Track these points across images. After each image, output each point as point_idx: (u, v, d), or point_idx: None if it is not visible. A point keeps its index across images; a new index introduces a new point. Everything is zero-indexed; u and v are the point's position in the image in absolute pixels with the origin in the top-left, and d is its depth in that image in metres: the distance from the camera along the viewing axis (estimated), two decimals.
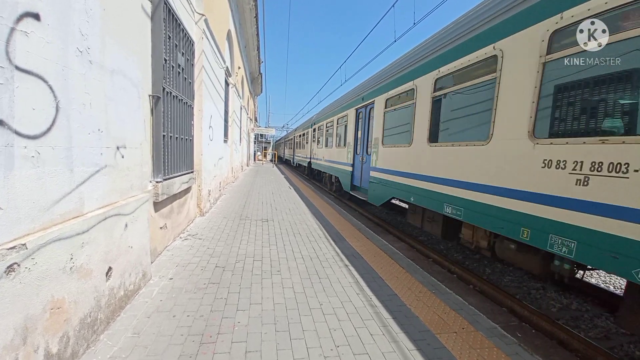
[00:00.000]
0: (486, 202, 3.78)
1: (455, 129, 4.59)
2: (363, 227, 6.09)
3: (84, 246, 2.03)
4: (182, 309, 2.67)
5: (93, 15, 2.17)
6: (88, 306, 2.09)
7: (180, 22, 4.26)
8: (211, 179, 7.01)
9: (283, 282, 3.37)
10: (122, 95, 2.56)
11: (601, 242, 2.56)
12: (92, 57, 2.16)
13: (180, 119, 4.42)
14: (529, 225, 3.21)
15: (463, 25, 4.40)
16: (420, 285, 3.49)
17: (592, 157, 2.64)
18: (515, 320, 3.56)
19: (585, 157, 2.68)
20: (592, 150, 2.64)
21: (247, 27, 13.15)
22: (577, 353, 3.01)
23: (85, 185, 2.10)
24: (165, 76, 3.71)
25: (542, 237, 3.06)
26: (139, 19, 2.99)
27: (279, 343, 2.30)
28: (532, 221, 3.17)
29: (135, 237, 2.78)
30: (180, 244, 4.36)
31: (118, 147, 2.50)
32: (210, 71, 6.45)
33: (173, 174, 4.15)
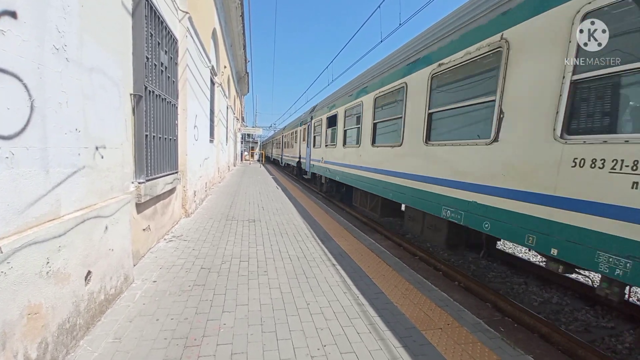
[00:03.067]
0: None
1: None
2: (350, 226, 6.12)
3: (60, 250, 1.97)
4: (166, 312, 2.61)
5: (71, 12, 2.11)
6: (66, 311, 2.02)
7: (163, 20, 4.18)
8: (197, 179, 6.91)
9: (270, 282, 3.35)
10: (101, 93, 2.49)
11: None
12: (69, 55, 2.09)
13: (163, 119, 4.33)
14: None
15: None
16: (407, 282, 3.53)
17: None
18: (499, 315, 3.64)
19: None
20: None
21: (233, 25, 13.01)
22: (558, 346, 3.10)
23: (61, 187, 2.03)
24: (147, 75, 3.63)
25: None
26: (119, 15, 2.92)
27: (266, 344, 2.28)
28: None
29: (116, 239, 2.71)
30: (164, 246, 4.28)
31: (97, 148, 2.43)
32: (194, 70, 6.35)
33: (156, 175, 4.07)
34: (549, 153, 2.73)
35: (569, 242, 2.56)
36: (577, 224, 2.49)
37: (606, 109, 2.42)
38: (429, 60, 4.47)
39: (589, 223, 2.41)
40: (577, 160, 2.51)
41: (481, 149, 3.47)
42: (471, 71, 3.71)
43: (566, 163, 2.58)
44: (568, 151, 2.57)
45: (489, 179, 3.36)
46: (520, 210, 2.98)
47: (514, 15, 3.12)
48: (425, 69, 4.53)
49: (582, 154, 2.48)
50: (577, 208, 2.49)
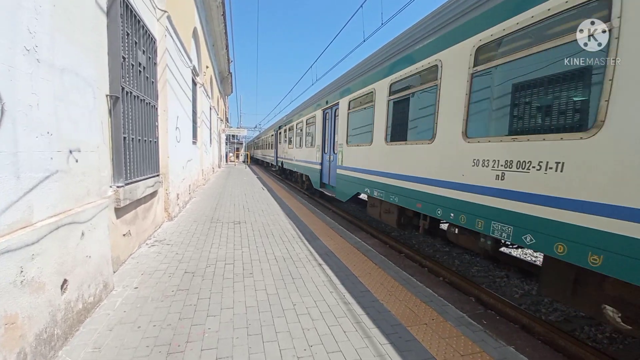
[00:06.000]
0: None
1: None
2: (336, 225, 6.13)
3: (34, 258, 1.89)
4: (148, 319, 2.54)
5: (42, 12, 2.04)
6: (43, 321, 1.95)
7: (140, 19, 4.07)
8: (179, 181, 6.77)
9: (256, 284, 3.31)
10: (74, 95, 2.40)
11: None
12: (40, 56, 2.02)
13: (142, 120, 4.22)
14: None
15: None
16: (393, 280, 3.57)
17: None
18: (482, 308, 3.73)
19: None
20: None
21: (215, 25, 12.81)
22: (539, 336, 3.20)
23: (34, 193, 1.95)
24: (124, 75, 3.52)
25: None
26: (93, 14, 2.82)
27: (251, 347, 2.26)
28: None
29: (94, 246, 2.62)
30: (146, 251, 4.17)
31: (71, 151, 2.34)
32: (175, 70, 6.22)
33: (136, 178, 3.96)
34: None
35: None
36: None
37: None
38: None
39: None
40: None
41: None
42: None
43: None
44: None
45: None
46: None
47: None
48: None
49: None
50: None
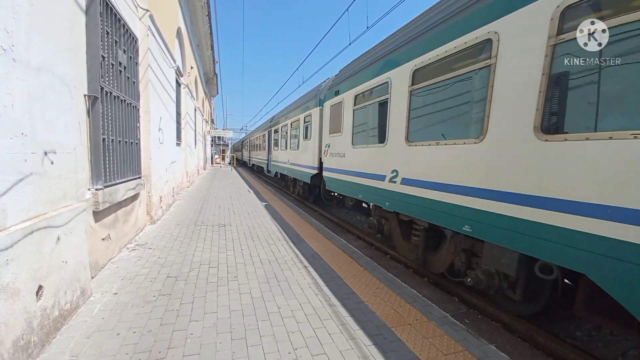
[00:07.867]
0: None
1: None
2: (322, 228, 6.14)
3: (8, 263, 1.81)
4: (128, 326, 2.47)
5: (20, 12, 1.97)
6: (19, 328, 1.88)
7: (120, 17, 3.97)
8: (163, 184, 6.63)
9: (240, 287, 3.27)
10: (50, 95, 2.32)
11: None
12: (16, 55, 1.95)
13: (123, 121, 4.12)
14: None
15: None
16: (378, 281, 3.59)
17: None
18: (464, 308, 3.80)
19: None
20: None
21: (200, 25, 12.65)
22: (520, 334, 3.28)
23: (7, 196, 1.87)
24: (103, 75, 3.43)
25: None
26: (71, 12, 2.74)
27: (235, 352, 2.22)
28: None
29: (70, 251, 2.53)
30: (127, 255, 4.06)
31: (46, 153, 2.26)
32: (158, 70, 6.10)
33: (117, 180, 3.86)
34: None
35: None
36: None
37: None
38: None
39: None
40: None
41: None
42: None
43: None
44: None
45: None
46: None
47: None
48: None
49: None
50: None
